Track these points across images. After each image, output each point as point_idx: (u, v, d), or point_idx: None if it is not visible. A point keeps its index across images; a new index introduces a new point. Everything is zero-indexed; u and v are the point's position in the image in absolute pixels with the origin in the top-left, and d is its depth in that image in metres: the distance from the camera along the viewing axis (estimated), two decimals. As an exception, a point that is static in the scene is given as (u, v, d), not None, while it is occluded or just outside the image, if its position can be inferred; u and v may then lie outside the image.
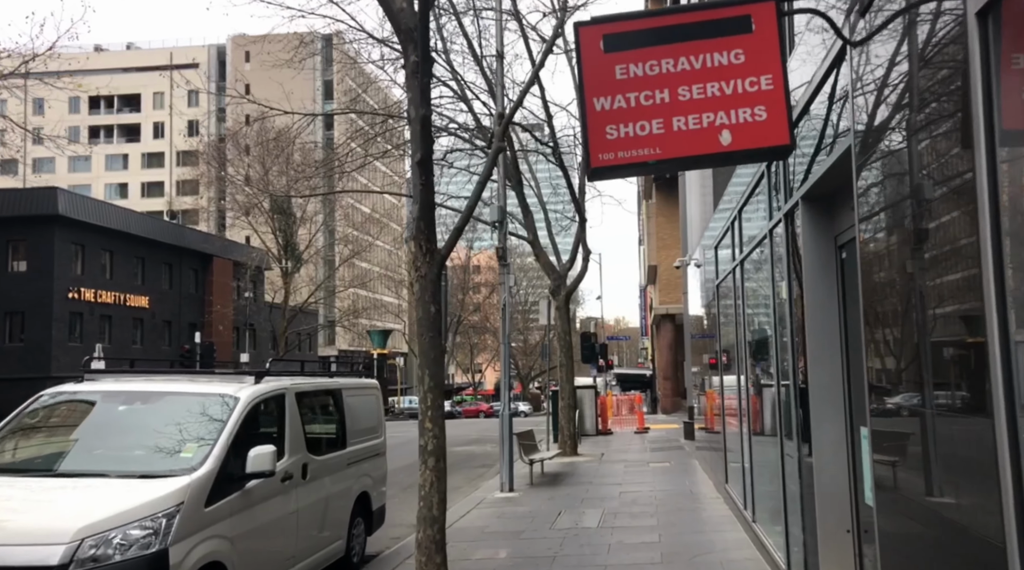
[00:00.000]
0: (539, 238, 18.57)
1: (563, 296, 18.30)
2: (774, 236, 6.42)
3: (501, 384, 13.84)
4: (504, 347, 13.64)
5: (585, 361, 27.43)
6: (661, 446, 20.44)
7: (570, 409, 18.07)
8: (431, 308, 6.47)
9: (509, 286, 13.43)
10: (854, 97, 3.85)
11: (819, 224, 5.18)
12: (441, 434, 6.49)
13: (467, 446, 23.79)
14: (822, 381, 5.11)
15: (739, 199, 8.24)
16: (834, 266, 5.12)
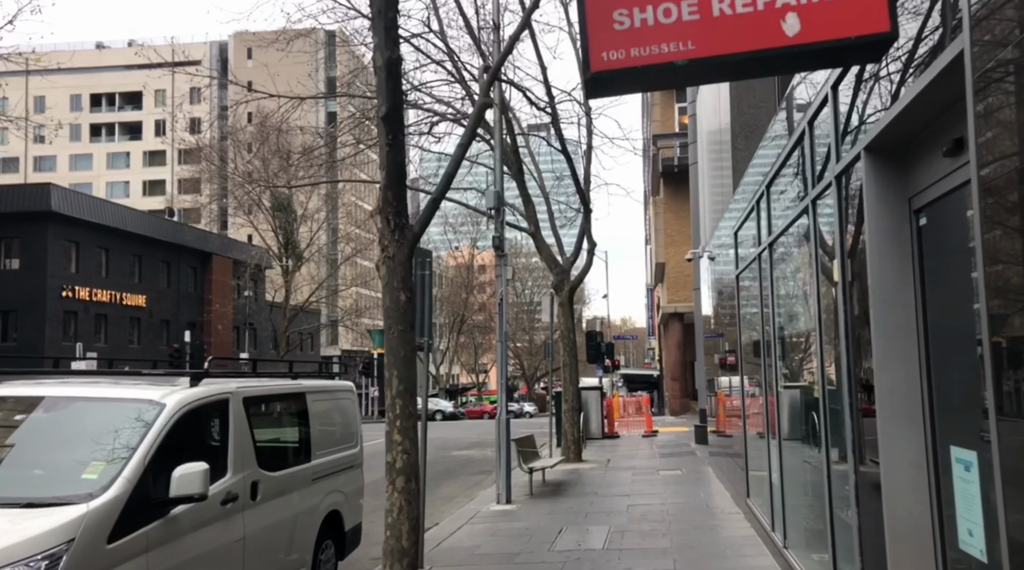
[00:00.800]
0: (541, 231, 17.41)
1: (566, 292, 17.14)
2: (817, 208, 5.25)
3: (498, 385, 12.69)
4: (501, 345, 12.50)
5: (591, 361, 26.27)
6: (671, 451, 19.26)
7: (574, 412, 16.90)
8: (401, 296, 5.34)
9: (507, 279, 12.29)
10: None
11: (889, 183, 4.02)
12: (413, 448, 5.35)
13: (466, 450, 22.64)
14: (893, 386, 3.94)
15: (769, 169, 7.07)
16: (908, 237, 3.95)
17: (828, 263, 5.07)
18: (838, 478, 5.09)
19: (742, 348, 9.88)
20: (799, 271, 6.14)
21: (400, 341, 5.33)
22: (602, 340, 26.07)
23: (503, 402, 12.39)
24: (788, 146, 6.09)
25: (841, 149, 4.64)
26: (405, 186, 5.34)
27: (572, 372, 17.07)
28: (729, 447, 13.66)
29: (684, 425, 29.24)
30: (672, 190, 40.12)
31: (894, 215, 4.00)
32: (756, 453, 9.47)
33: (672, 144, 38.86)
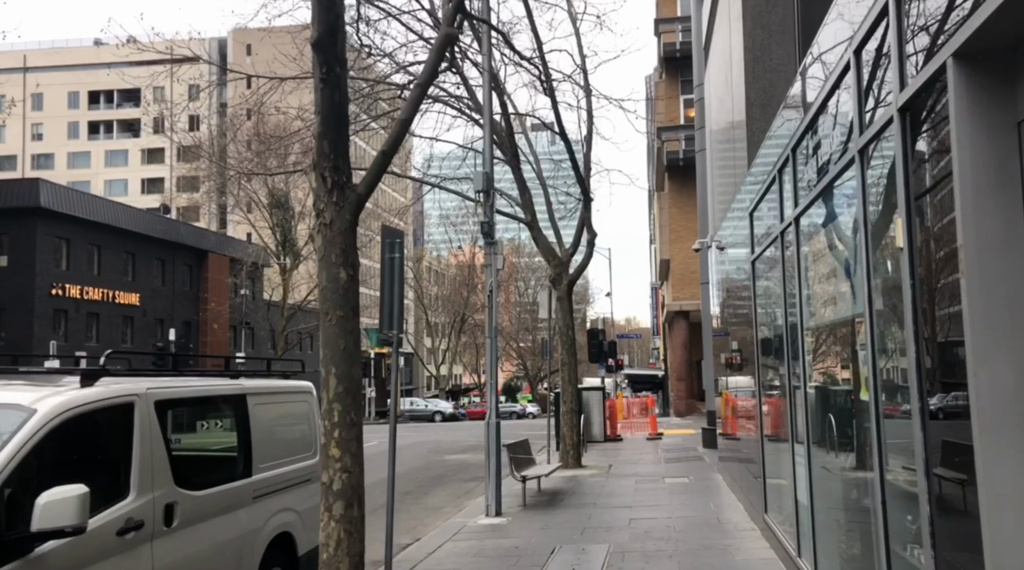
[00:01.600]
0: (538, 221, 16.27)
1: (565, 285, 16.00)
2: (869, 157, 4.12)
3: (488, 385, 11.58)
4: (491, 342, 11.38)
5: (593, 360, 25.13)
6: (677, 456, 18.11)
7: (573, 415, 15.76)
8: (340, 273, 4.23)
9: (498, 269, 11.17)
10: None
11: (990, 102, 2.88)
12: (356, 466, 4.23)
13: (461, 454, 21.51)
14: (997, 385, 2.81)
15: (795, 129, 5.94)
16: (1019, 177, 2.82)
17: (886, 226, 3.93)
18: (898, 504, 3.95)
19: (758, 343, 8.74)
20: (836, 245, 5.00)
21: (339, 330, 4.22)
22: (604, 339, 24.92)
23: (493, 403, 11.28)
24: (824, 90, 4.95)
25: (907, 73, 3.50)
26: (347, 135, 4.22)
27: (571, 372, 15.93)
28: (739, 451, 12.52)
29: (690, 427, 28.07)
30: (677, 185, 38.97)
31: (997, 147, 2.87)
32: (775, 461, 8.35)
33: (677, 137, 37.70)
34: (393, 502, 7.20)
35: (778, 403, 7.89)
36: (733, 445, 13.07)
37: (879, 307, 4.08)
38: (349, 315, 4.27)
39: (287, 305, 54.09)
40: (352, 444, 4.21)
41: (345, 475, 4.15)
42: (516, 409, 55.84)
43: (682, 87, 40.17)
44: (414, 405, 50.61)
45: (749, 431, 11.80)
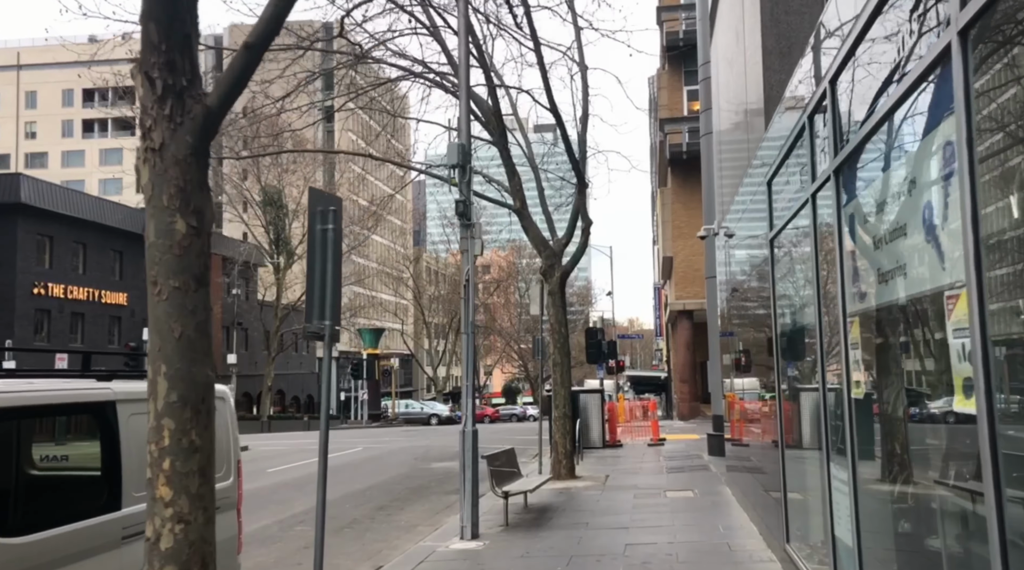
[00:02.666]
0: (528, 208, 14.85)
1: (557, 278, 14.56)
2: (970, 40, 2.69)
3: (464, 388, 10.16)
4: (467, 337, 9.95)
5: (591, 361, 23.69)
6: (681, 464, 16.66)
7: (566, 420, 14.32)
8: (176, 224, 2.81)
9: (475, 254, 9.76)
10: None
11: None
12: (196, 513, 2.79)
13: (449, 461, 20.04)
14: None
15: (836, 55, 4.50)
16: None
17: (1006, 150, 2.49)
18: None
19: (778, 336, 7.30)
20: (907, 192, 3.56)
21: (174, 309, 2.80)
22: (604, 339, 23.47)
23: (469, 409, 9.84)
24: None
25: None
26: (192, 17, 2.81)
27: (563, 373, 14.48)
28: (749, 461, 11.08)
29: (695, 431, 26.60)
30: (681, 179, 37.52)
31: None
32: (799, 478, 6.92)
33: (680, 129, 36.27)
34: (322, 542, 5.77)
35: (804, 407, 6.47)
36: (743, 453, 11.62)
37: (996, 272, 2.63)
38: (190, 286, 2.85)
39: (280, 305, 52.68)
40: (192, 481, 2.79)
41: (180, 527, 2.73)
42: (516, 411, 54.37)
43: (685, 78, 38.74)
44: (409, 408, 49.16)
45: (762, 438, 10.38)
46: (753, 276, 9.59)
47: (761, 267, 8.41)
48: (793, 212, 6.07)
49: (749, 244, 10.02)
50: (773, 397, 8.31)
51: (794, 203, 6.10)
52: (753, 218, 9.74)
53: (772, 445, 8.38)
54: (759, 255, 8.70)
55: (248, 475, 18.08)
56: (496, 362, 75.60)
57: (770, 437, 8.87)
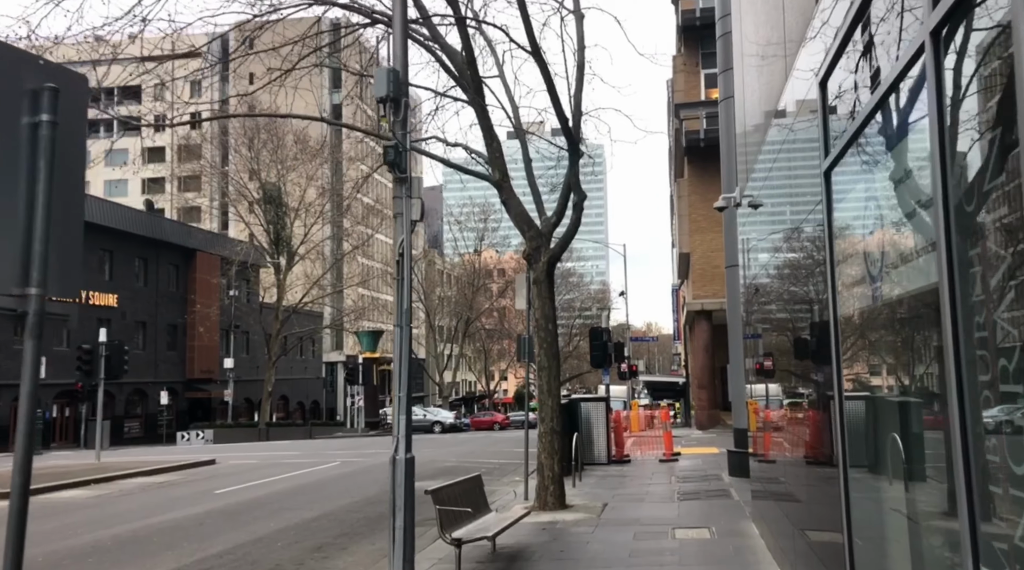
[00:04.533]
0: (511, 180, 12.28)
1: (544, 264, 11.95)
2: None
3: (395, 397, 7.63)
4: (401, 331, 7.40)
5: (596, 365, 21.06)
6: (696, 488, 13.98)
7: (553, 437, 11.68)
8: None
9: (412, 220, 7.24)
10: None
11: None
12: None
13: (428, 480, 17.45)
14: None
15: None
16: None
17: None
18: None
19: (836, 316, 4.69)
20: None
21: None
22: (609, 339, 20.80)
23: (402, 428, 7.29)
24: None
25: None
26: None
27: (550, 379, 11.84)
28: (775, 480, 8.47)
29: (714, 443, 23.86)
30: (698, 169, 34.82)
31: None
32: (872, 524, 4.32)
33: (697, 114, 33.59)
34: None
35: (892, 418, 3.87)
36: (769, 473, 8.98)
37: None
38: None
39: (282, 308, 50.46)
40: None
41: None
42: (534, 418, 51.77)
43: (703, 61, 36.06)
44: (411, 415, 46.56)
45: (783, 450, 7.79)
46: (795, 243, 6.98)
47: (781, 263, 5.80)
48: (861, 122, 3.45)
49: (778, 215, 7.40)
50: (811, 403, 5.70)
51: (886, 77, 3.51)
52: (782, 179, 7.14)
53: (817, 467, 5.78)
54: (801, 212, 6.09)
55: (188, 499, 15.51)
56: (509, 366, 72.98)
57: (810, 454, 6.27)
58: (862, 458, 4.58)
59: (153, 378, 48.14)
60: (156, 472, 19.39)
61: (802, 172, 5.89)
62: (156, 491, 16.26)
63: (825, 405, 5.26)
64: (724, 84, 15.36)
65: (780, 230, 7.37)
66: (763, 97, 8.56)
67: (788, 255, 6.81)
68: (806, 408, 6.57)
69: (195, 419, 50.97)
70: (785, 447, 8.26)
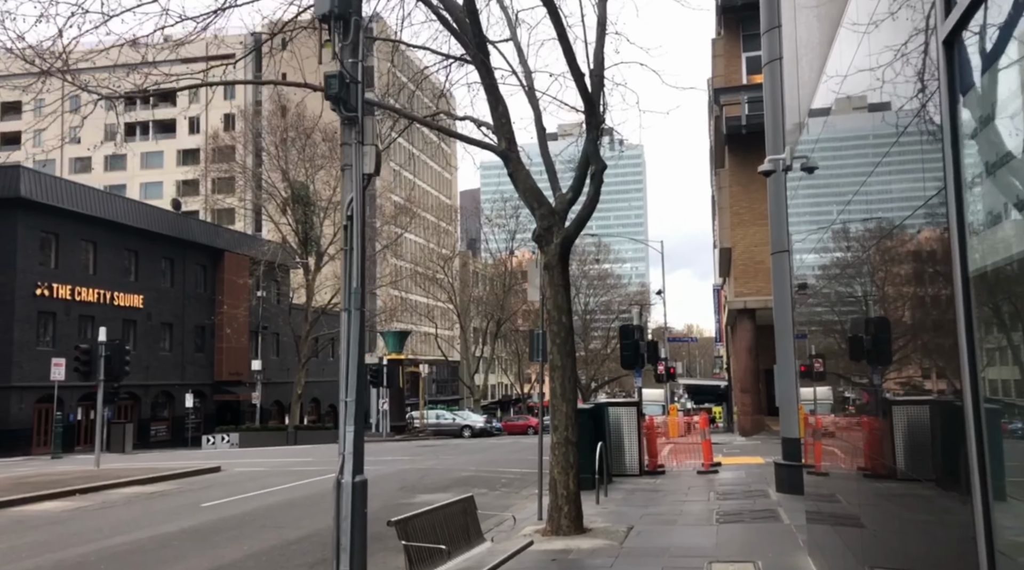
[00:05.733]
0: (518, 148, 10.59)
1: (556, 246, 10.21)
2: None
3: (342, 400, 5.97)
4: (349, 315, 5.76)
5: (627, 366, 19.22)
6: (739, 507, 12.10)
7: (569, 449, 9.94)
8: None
9: (368, 174, 5.57)
10: None
11: None
12: None
13: (441, 493, 15.78)
14: None
15: None
16: None
17: None
18: None
19: (964, 271, 2.89)
20: None
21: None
22: (642, 338, 18.93)
23: (348, 442, 5.65)
24: None
25: None
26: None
27: (565, 380, 10.09)
28: (835, 500, 6.64)
29: (757, 452, 21.85)
30: (739, 158, 32.70)
31: None
32: None
33: (738, 99, 31.48)
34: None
35: None
36: (830, 489, 7.14)
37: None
38: None
39: (311, 308, 49.40)
40: None
41: None
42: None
43: (744, 43, 33.95)
44: (440, 419, 45.09)
45: (842, 461, 6.02)
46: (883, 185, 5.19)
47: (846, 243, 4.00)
48: None
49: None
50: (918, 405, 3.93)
51: None
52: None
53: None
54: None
55: (169, 513, 13.24)
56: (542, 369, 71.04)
57: (913, 472, 4.48)
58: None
59: (180, 380, 47.42)
60: (152, 481, 18.07)
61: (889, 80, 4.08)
62: (141, 503, 14.88)
63: (947, 412, 3.47)
64: (768, 45, 13.47)
65: (858, 173, 5.55)
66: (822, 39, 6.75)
67: (871, 206, 5.00)
68: (914, 413, 4.75)
69: (223, 422, 50.17)
70: (858, 460, 6.43)
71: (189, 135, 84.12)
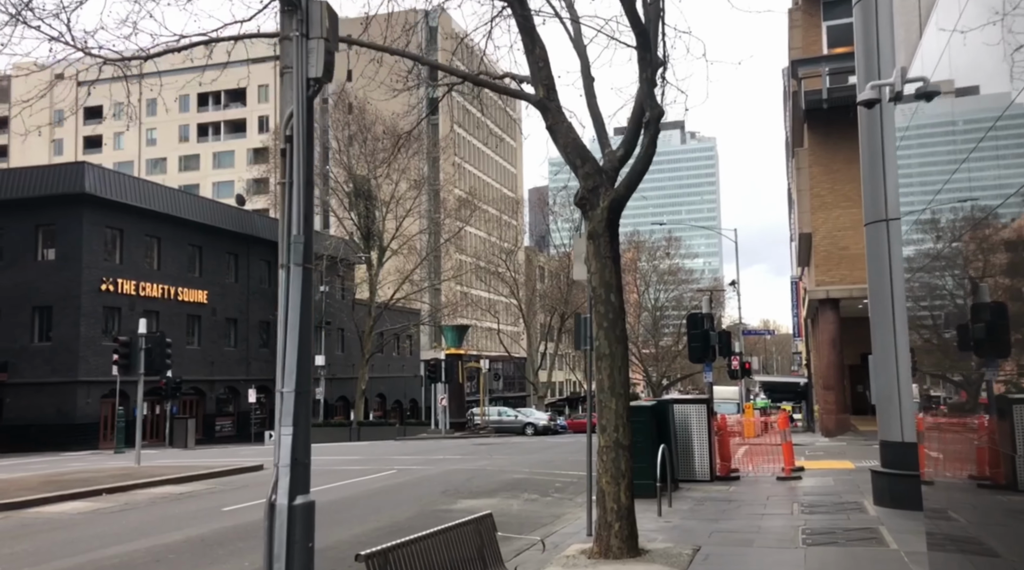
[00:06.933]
0: (558, 97, 8.93)
1: (603, 210, 8.50)
2: None
3: (277, 404, 4.46)
4: (289, 272, 4.27)
5: (695, 359, 17.28)
6: (830, 524, 10.15)
7: (620, 454, 8.23)
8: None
9: (311, 78, 4.04)
10: None
11: None
12: None
13: (486, 498, 14.22)
14: None
15: None
16: None
17: None
18: None
19: None
20: None
21: None
22: (712, 328, 16.97)
23: (283, 449, 4.13)
24: None
25: None
26: None
27: (614, 371, 8.37)
28: (981, 523, 4.81)
29: (845, 456, 19.59)
30: (820, 136, 30.15)
31: None
32: None
33: (818, 71, 28.90)
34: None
35: None
36: (975, 505, 5.28)
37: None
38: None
39: (375, 304, 48.74)
40: None
41: None
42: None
43: (824, 11, 31.28)
44: (502, 415, 43.60)
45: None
46: None
47: None
48: None
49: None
50: None
51: None
52: None
53: None
54: None
55: (186, 518, 11.89)
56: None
57: None
58: None
59: (245, 375, 47.37)
60: (186, 480, 17.12)
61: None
62: (162, 506, 13.85)
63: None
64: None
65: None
66: None
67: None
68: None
69: (288, 418, 49.96)
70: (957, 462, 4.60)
71: (259, 134, 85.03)
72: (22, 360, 37.24)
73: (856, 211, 28.05)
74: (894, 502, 10.71)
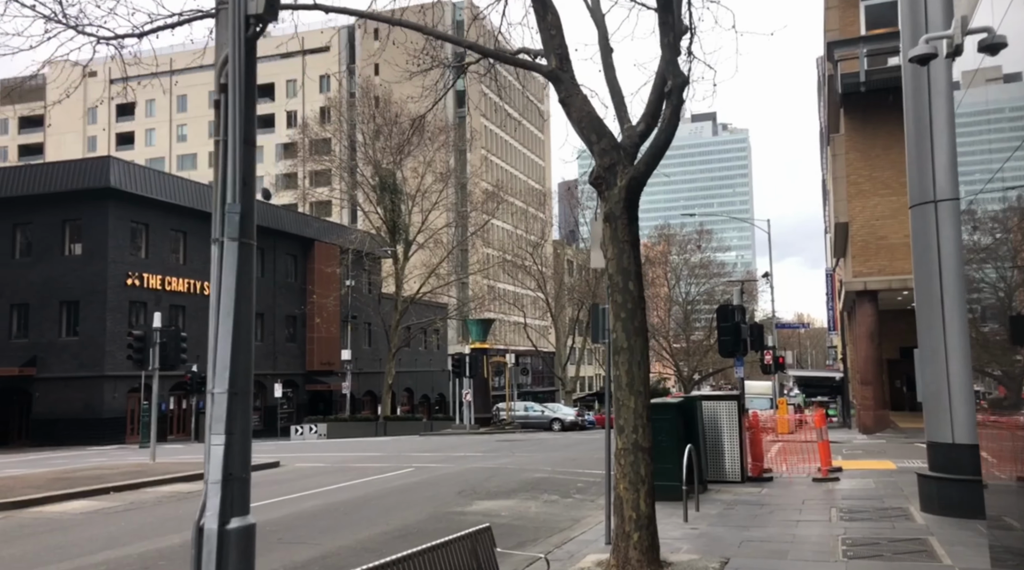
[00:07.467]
0: (572, 69, 8.18)
1: (621, 189, 7.74)
2: None
3: (208, 402, 3.79)
4: (223, 246, 3.65)
5: (725, 353, 16.44)
6: (872, 533, 9.30)
7: (640, 456, 7.49)
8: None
9: (251, 14, 3.30)
10: None
11: None
12: None
13: (504, 499, 13.53)
14: None
15: None
16: None
17: None
18: None
19: None
20: None
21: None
22: (743, 320, 16.07)
23: (215, 461, 3.45)
24: None
25: None
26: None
27: (632, 366, 7.63)
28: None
29: (885, 455, 18.60)
30: (857, 121, 28.95)
31: None
32: None
33: (855, 53, 27.69)
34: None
35: None
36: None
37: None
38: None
39: (401, 298, 48.32)
40: None
41: None
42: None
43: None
44: (528, 411, 42.90)
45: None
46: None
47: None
48: None
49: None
50: None
51: None
52: None
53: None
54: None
55: (184, 520, 11.16)
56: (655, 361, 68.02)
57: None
58: None
59: (272, 370, 47.26)
60: (199, 478, 16.64)
61: None
62: (168, 505, 13.39)
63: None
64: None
65: None
66: None
67: None
68: None
69: (315, 412, 49.88)
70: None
71: (287, 129, 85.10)
72: (50, 355, 37.41)
73: (895, 199, 26.89)
74: (943, 509, 9.82)
